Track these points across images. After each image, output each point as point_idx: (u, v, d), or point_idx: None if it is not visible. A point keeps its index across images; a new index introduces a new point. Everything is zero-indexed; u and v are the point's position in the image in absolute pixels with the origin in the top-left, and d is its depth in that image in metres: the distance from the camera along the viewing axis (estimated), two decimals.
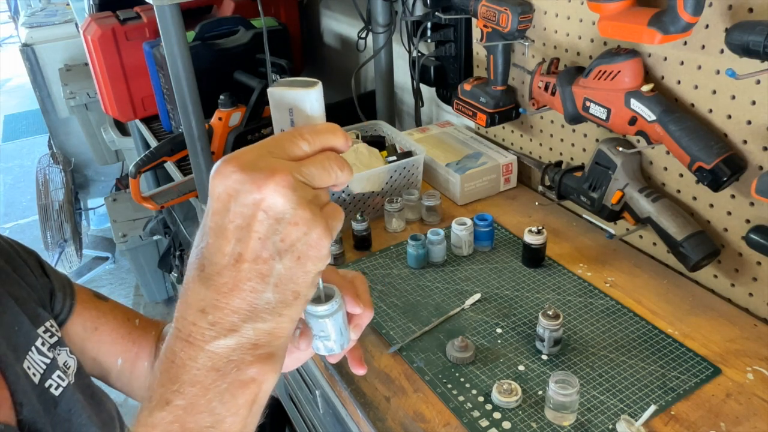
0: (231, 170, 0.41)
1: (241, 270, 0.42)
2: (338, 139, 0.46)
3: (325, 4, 2.13)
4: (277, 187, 0.40)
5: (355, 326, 0.59)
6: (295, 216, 0.41)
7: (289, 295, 0.43)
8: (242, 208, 0.41)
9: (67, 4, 3.32)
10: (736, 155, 0.90)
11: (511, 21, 1.14)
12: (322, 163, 0.44)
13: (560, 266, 1.11)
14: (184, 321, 0.44)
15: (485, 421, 0.82)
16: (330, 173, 0.44)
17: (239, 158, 0.42)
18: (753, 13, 0.84)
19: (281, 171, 0.41)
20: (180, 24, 1.26)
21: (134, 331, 0.85)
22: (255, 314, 0.43)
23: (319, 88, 0.50)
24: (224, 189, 0.42)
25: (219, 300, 0.42)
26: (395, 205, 1.21)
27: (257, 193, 0.40)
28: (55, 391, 0.66)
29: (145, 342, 0.85)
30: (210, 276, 0.42)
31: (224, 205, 0.42)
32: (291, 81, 0.50)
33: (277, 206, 0.41)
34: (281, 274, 0.42)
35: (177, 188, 1.60)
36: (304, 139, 0.44)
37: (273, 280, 0.42)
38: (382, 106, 1.67)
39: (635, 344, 0.93)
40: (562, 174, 1.16)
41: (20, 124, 5.20)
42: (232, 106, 1.54)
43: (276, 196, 0.41)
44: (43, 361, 0.67)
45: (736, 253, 0.97)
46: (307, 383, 1.18)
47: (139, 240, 2.57)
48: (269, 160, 0.42)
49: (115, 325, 0.83)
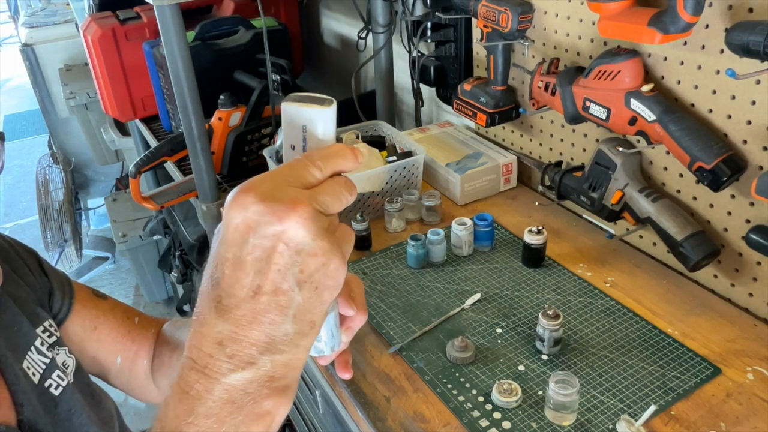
0: (250, 201, 0.41)
1: (260, 302, 0.41)
2: (348, 162, 0.46)
3: (325, 4, 2.13)
4: (299, 219, 0.40)
5: (347, 329, 0.58)
6: (314, 247, 0.41)
7: (306, 325, 0.43)
8: (262, 240, 0.40)
9: (67, 4, 3.32)
10: (736, 155, 0.90)
11: (511, 21, 1.14)
12: (334, 189, 0.44)
13: (560, 266, 1.11)
14: (199, 352, 0.43)
15: (485, 421, 0.82)
16: (342, 199, 0.45)
17: (257, 188, 0.41)
18: (753, 13, 0.84)
19: (302, 202, 0.41)
20: (180, 24, 1.26)
21: (133, 329, 0.84)
22: (273, 346, 0.42)
23: (334, 107, 0.49)
24: (243, 220, 0.41)
25: (237, 333, 0.42)
26: (395, 205, 1.21)
27: (278, 225, 0.40)
28: (55, 390, 0.66)
29: (144, 340, 0.85)
30: (228, 308, 0.42)
31: (242, 237, 0.41)
32: (304, 96, 0.49)
33: (298, 238, 0.40)
34: (300, 305, 0.42)
35: (177, 188, 1.60)
36: (316, 166, 0.44)
37: (292, 311, 0.42)
38: (382, 106, 1.67)
39: (635, 344, 0.93)
40: (562, 174, 1.16)
41: (20, 124, 5.20)
42: (232, 106, 1.54)
43: (298, 228, 0.40)
44: (43, 360, 0.66)
45: (736, 253, 0.97)
46: (307, 383, 1.18)
47: (139, 240, 2.57)
48: (288, 191, 0.41)
49: (114, 324, 0.82)
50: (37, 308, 0.71)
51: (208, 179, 1.44)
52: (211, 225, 1.50)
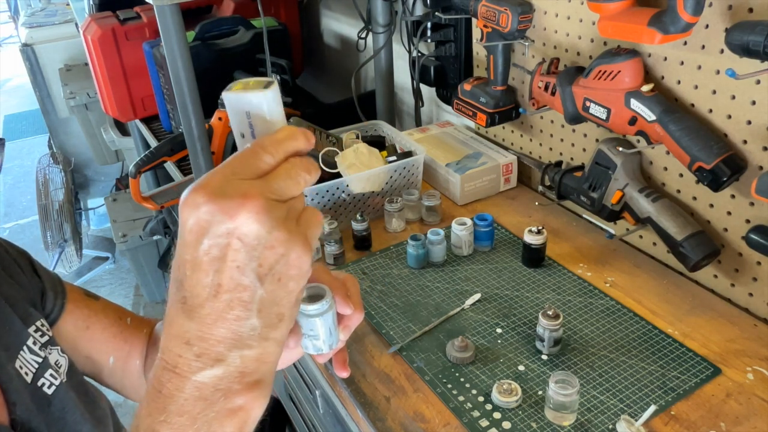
0: (201, 200, 0.40)
1: (222, 300, 0.41)
2: (300, 142, 0.45)
3: (325, 4, 2.13)
4: (250, 214, 0.40)
5: (345, 327, 0.59)
6: (270, 239, 0.40)
7: (273, 318, 0.43)
8: (216, 239, 0.40)
9: (67, 4, 3.32)
10: (736, 155, 0.90)
11: (511, 21, 1.14)
12: (288, 173, 0.43)
13: (560, 266, 1.11)
14: (169, 352, 0.43)
15: (485, 421, 0.82)
16: (298, 181, 0.44)
17: (206, 186, 0.41)
18: (753, 13, 0.84)
19: (252, 195, 0.40)
20: (180, 24, 1.26)
21: (126, 329, 0.85)
22: (241, 342, 0.42)
23: (275, 87, 0.47)
24: (195, 221, 0.40)
25: (203, 331, 0.42)
26: (395, 205, 1.21)
27: (230, 222, 0.40)
28: (48, 389, 0.66)
29: (136, 340, 0.85)
30: (192, 308, 0.42)
31: (197, 238, 0.40)
32: (246, 82, 0.47)
33: (252, 233, 0.40)
34: (264, 299, 0.42)
35: (177, 188, 1.60)
36: (267, 152, 0.43)
37: (256, 306, 0.42)
38: (382, 106, 1.67)
39: (635, 344, 0.93)
40: (562, 174, 1.16)
41: (20, 124, 5.20)
42: None
43: (250, 223, 0.40)
44: (35, 360, 0.66)
45: (736, 253, 0.97)
46: (307, 383, 1.18)
47: (139, 240, 2.57)
48: (237, 185, 0.41)
49: (106, 324, 0.83)
50: (29, 308, 0.70)
51: None
52: None
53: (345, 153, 1.23)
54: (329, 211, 1.22)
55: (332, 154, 1.25)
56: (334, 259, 1.15)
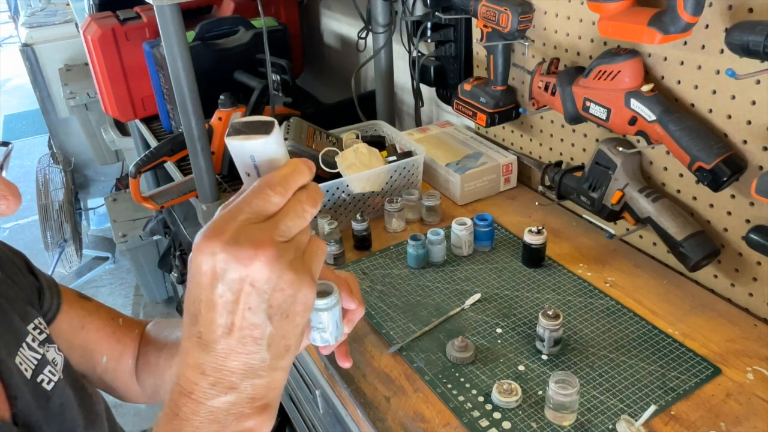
0: (216, 249, 0.44)
1: (234, 338, 0.45)
2: (304, 176, 0.48)
3: (325, 4, 2.13)
4: (262, 262, 0.44)
5: (348, 321, 0.64)
6: (280, 283, 0.45)
7: (281, 350, 0.47)
8: (230, 284, 0.44)
9: (67, 4, 3.32)
10: (736, 155, 0.90)
11: (511, 21, 1.15)
12: (295, 210, 0.47)
13: (560, 266, 1.11)
14: (185, 379, 0.47)
15: (485, 421, 0.82)
16: (305, 216, 0.47)
17: (221, 234, 0.44)
18: (753, 13, 0.84)
19: (263, 244, 0.44)
20: (180, 24, 1.26)
21: (119, 330, 0.86)
22: (252, 372, 0.47)
23: (276, 131, 0.49)
24: (210, 267, 0.44)
25: (218, 364, 0.46)
26: (395, 205, 1.21)
27: (243, 270, 0.44)
28: (47, 385, 0.67)
29: (129, 340, 0.86)
30: (207, 343, 0.46)
31: (211, 282, 0.44)
32: (245, 124, 0.49)
33: (263, 278, 0.44)
34: (272, 334, 0.46)
35: (177, 188, 1.59)
36: (275, 192, 0.46)
37: (265, 341, 0.46)
38: (382, 106, 1.67)
39: (635, 344, 0.93)
40: (562, 174, 1.16)
41: (20, 124, 5.20)
42: (232, 106, 1.54)
43: (262, 270, 0.44)
44: (34, 356, 0.67)
45: (736, 253, 0.97)
46: (307, 383, 1.18)
47: (139, 240, 2.57)
48: (249, 234, 0.44)
49: (100, 324, 0.84)
50: (26, 306, 0.71)
51: (208, 179, 1.44)
52: None
53: (345, 153, 1.23)
54: (329, 211, 1.22)
55: (332, 154, 1.25)
56: (334, 259, 1.15)
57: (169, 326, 0.88)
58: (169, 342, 0.85)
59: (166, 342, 0.85)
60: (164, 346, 0.85)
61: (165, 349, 0.84)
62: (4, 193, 0.54)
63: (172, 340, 0.85)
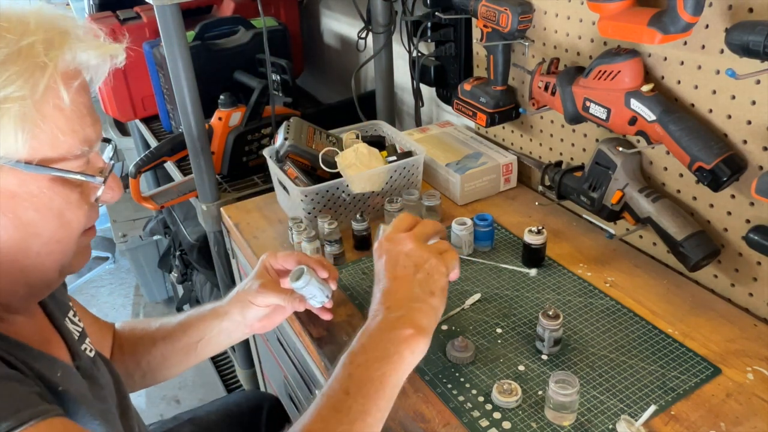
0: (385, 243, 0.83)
1: (397, 279, 0.78)
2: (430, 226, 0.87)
3: (325, 4, 2.13)
4: (410, 242, 0.80)
5: (332, 280, 0.97)
6: (417, 253, 0.80)
7: (427, 291, 0.77)
8: (393, 255, 0.80)
9: (67, 4, 3.32)
10: (736, 155, 0.90)
11: (511, 21, 1.15)
12: (424, 225, 0.85)
13: (560, 266, 1.11)
14: (373, 310, 0.77)
15: (485, 421, 0.82)
16: (435, 228, 0.86)
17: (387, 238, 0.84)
18: (753, 13, 0.84)
19: (408, 239, 0.81)
20: (180, 24, 1.26)
21: (102, 328, 0.96)
22: (411, 299, 0.76)
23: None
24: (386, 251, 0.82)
25: (390, 294, 0.77)
26: (395, 205, 1.21)
27: (401, 246, 0.81)
28: (90, 353, 0.78)
29: (105, 342, 0.95)
30: (384, 285, 0.79)
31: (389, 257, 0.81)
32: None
33: (408, 251, 0.80)
34: (420, 280, 0.78)
35: (177, 188, 1.59)
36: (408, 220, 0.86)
37: (417, 282, 0.77)
38: (382, 106, 1.67)
39: (635, 344, 0.93)
40: (562, 174, 1.16)
41: None
42: (232, 106, 1.54)
43: (409, 246, 0.80)
44: (76, 329, 0.78)
45: (736, 253, 0.97)
46: (307, 383, 1.18)
47: (139, 240, 2.57)
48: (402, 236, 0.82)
49: (89, 321, 0.90)
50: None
51: (208, 179, 1.44)
52: (211, 225, 1.50)
53: (345, 153, 1.23)
54: (329, 211, 1.22)
55: (332, 154, 1.25)
56: (334, 258, 1.15)
57: (141, 322, 1.00)
58: (152, 330, 0.98)
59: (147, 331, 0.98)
60: (143, 335, 0.97)
61: (145, 337, 0.97)
62: (112, 185, 0.70)
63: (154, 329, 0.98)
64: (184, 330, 0.97)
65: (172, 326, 0.98)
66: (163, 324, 0.99)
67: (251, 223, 1.32)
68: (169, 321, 0.99)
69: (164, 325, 0.98)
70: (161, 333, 0.97)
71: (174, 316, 1.00)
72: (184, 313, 0.99)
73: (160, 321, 0.99)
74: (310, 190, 1.18)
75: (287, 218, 1.28)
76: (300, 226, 1.17)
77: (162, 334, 0.97)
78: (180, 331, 0.97)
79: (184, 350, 0.97)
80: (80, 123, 0.64)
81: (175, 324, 0.98)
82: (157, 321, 1.00)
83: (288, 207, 1.31)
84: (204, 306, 0.99)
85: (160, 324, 0.99)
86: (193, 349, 0.97)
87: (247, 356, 1.81)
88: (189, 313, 0.99)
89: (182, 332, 0.96)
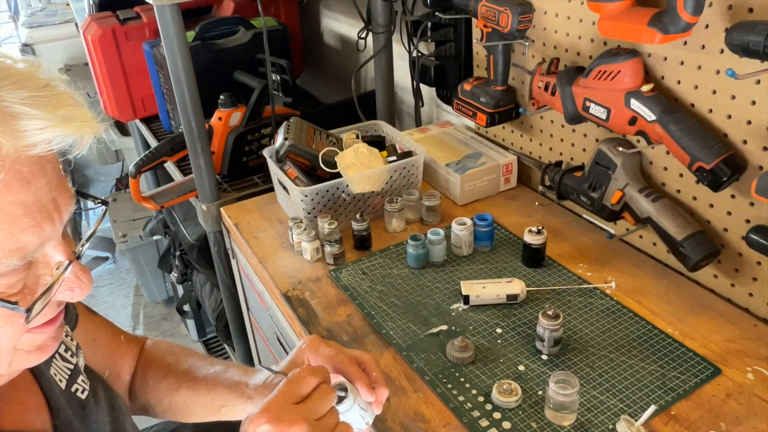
0: (262, 422, 0.60)
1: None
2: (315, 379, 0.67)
3: (325, 4, 2.13)
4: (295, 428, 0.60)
5: (377, 404, 0.75)
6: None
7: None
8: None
9: (67, 4, 3.32)
10: (736, 155, 0.90)
11: (511, 21, 1.14)
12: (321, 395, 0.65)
13: (560, 266, 1.11)
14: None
15: (485, 421, 0.82)
16: (329, 399, 0.66)
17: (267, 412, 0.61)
18: (753, 13, 0.84)
19: (298, 421, 0.61)
20: (180, 24, 1.26)
21: (121, 346, 0.89)
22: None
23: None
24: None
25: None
26: (395, 205, 1.21)
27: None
28: (82, 395, 0.69)
29: (128, 358, 0.90)
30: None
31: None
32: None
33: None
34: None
35: (177, 188, 1.59)
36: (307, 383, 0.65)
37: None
38: (382, 106, 1.67)
39: (635, 344, 0.93)
40: (562, 174, 1.16)
41: None
42: (232, 106, 1.54)
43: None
44: (67, 366, 0.69)
45: (736, 253, 0.97)
46: None
47: (139, 240, 2.57)
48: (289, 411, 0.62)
49: (107, 339, 0.86)
50: None
51: (208, 179, 1.44)
52: (211, 225, 1.50)
53: (345, 153, 1.23)
54: (329, 211, 1.22)
55: (332, 154, 1.25)
56: (334, 259, 1.15)
57: (173, 353, 0.92)
58: (180, 371, 0.90)
59: (175, 370, 0.90)
60: (170, 373, 0.89)
61: (171, 376, 0.89)
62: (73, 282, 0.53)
63: (183, 370, 0.89)
64: (209, 389, 0.87)
65: (198, 377, 0.89)
66: (191, 367, 0.90)
67: (251, 223, 1.32)
68: (197, 367, 0.90)
69: (192, 369, 0.89)
70: (187, 378, 0.89)
71: (200, 359, 0.91)
72: (211, 366, 0.89)
73: (189, 362, 0.91)
74: (310, 190, 1.18)
75: (287, 218, 1.28)
76: (300, 226, 1.17)
77: (187, 381, 0.89)
78: (204, 388, 0.88)
79: (207, 407, 0.88)
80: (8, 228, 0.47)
81: (201, 377, 0.89)
82: (187, 361, 0.91)
83: (288, 207, 1.31)
84: (230, 370, 0.87)
85: (189, 366, 0.90)
86: (216, 411, 0.88)
87: (247, 356, 1.81)
88: (216, 370, 0.88)
89: (206, 390, 0.88)
